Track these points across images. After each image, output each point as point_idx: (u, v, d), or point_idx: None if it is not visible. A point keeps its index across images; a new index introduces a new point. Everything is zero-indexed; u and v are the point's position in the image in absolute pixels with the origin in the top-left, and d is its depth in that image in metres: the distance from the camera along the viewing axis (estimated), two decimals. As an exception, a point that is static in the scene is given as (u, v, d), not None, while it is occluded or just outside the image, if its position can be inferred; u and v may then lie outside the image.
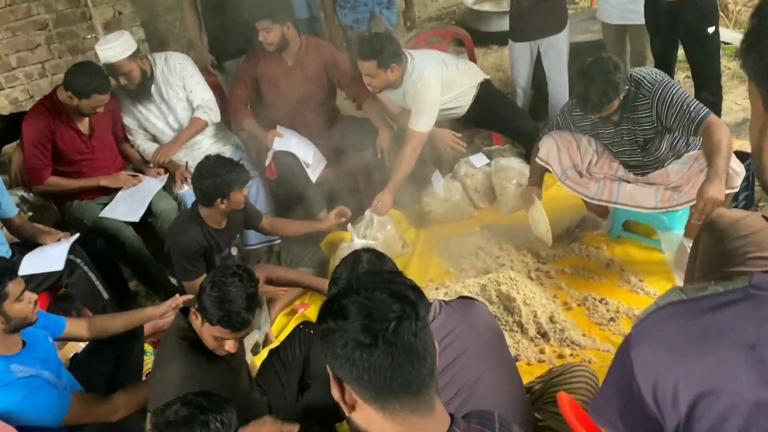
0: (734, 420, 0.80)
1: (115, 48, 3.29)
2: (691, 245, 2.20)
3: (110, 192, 3.49)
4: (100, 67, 3.32)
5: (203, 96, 3.58)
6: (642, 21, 3.78)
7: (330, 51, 3.69)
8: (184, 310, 2.22)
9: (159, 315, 2.64)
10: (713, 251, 1.84)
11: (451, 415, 1.17)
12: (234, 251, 3.15)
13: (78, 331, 2.52)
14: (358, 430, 1.16)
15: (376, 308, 1.11)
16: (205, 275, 2.82)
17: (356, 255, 1.93)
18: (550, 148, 3.11)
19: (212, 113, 3.60)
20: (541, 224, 3.18)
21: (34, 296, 2.24)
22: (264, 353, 2.81)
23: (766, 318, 0.78)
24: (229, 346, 2.07)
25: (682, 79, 4.45)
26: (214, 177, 2.72)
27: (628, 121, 2.90)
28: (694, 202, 2.68)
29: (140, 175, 3.52)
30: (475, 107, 3.71)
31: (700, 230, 2.04)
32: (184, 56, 3.64)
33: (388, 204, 3.41)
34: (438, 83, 3.44)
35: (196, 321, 2.09)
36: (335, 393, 1.15)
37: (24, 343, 2.22)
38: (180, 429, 1.57)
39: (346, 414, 1.16)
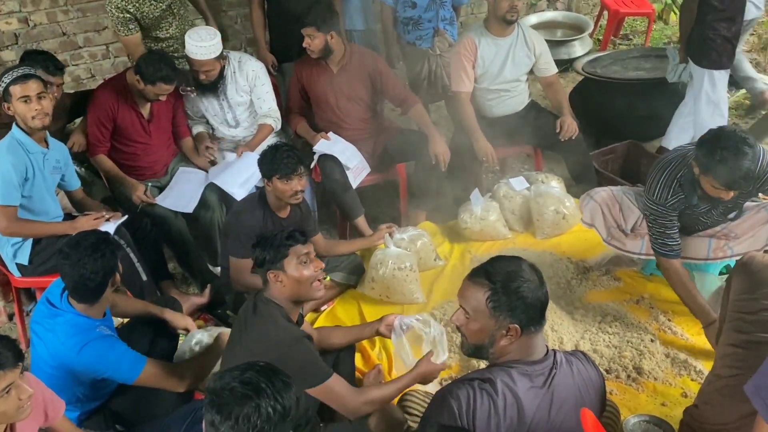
0: None
1: (209, 48, 3.42)
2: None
3: (160, 174, 3.62)
4: (171, 59, 3.45)
5: (270, 105, 3.75)
6: None
7: (374, 59, 3.79)
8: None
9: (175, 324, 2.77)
10: (745, 296, 1.85)
11: None
12: None
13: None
14: None
15: None
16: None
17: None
18: (594, 212, 3.17)
19: (278, 121, 3.78)
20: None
21: None
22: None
23: None
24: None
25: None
26: (266, 159, 2.90)
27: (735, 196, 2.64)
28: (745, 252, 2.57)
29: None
30: (529, 112, 3.95)
31: (732, 275, 2.05)
32: (259, 64, 3.75)
33: (572, 126, 3.76)
34: None
35: (276, 283, 2.24)
36: None
37: (105, 314, 2.42)
38: (231, 407, 1.46)
39: None
